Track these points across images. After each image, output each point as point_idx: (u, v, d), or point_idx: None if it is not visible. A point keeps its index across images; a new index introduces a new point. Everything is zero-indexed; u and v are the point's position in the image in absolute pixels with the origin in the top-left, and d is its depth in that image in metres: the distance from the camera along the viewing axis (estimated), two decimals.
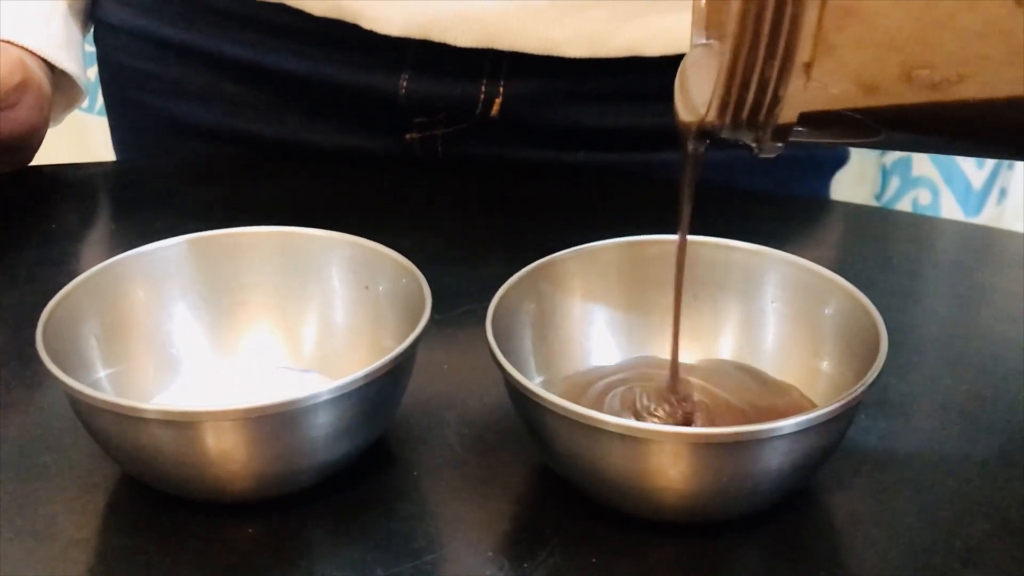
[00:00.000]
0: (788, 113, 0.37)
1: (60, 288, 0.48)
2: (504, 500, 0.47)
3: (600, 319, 0.52)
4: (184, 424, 0.43)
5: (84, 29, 0.78)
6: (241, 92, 0.75)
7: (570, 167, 0.74)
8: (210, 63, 0.74)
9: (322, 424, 0.44)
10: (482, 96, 0.70)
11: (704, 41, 0.46)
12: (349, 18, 0.68)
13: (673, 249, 0.51)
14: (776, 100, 0.36)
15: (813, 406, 0.49)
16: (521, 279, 0.50)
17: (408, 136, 0.74)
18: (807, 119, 0.37)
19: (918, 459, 0.49)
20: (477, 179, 0.72)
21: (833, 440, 0.44)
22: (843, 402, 0.43)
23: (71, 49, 0.73)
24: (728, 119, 0.38)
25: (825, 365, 0.50)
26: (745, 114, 0.37)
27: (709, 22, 0.46)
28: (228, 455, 0.43)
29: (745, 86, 0.36)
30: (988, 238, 0.69)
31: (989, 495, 0.47)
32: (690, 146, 0.45)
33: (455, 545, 0.45)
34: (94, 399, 0.43)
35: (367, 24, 0.68)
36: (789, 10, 0.34)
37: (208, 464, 0.43)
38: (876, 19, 0.34)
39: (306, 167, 0.74)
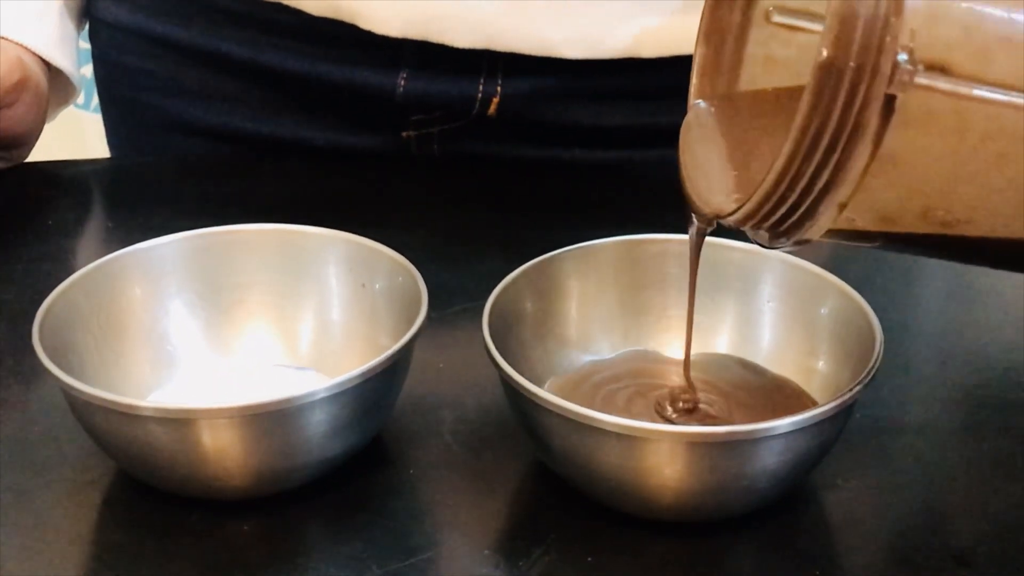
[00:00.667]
0: (811, 233, 0.39)
1: (57, 285, 0.48)
2: (500, 498, 0.47)
3: (596, 317, 0.52)
4: (180, 421, 0.43)
5: (79, 26, 0.77)
6: (238, 90, 0.74)
7: (567, 165, 0.74)
8: (207, 61, 0.74)
9: (318, 422, 0.44)
10: (479, 95, 0.70)
11: (703, 105, 0.47)
12: (347, 18, 0.68)
13: (671, 248, 0.52)
14: (803, 225, 0.39)
15: (813, 401, 0.49)
16: (517, 277, 0.50)
17: (405, 134, 0.74)
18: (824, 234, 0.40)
19: (913, 458, 0.49)
20: (474, 177, 0.72)
21: (828, 439, 0.45)
22: (838, 401, 0.43)
23: (65, 46, 0.73)
24: (750, 225, 0.40)
25: (821, 364, 0.50)
26: (767, 226, 0.40)
27: (705, 69, 0.47)
28: (224, 452, 0.43)
29: (776, 208, 0.38)
30: None
31: (984, 494, 0.47)
32: (699, 224, 0.46)
33: (451, 543, 0.45)
34: (90, 396, 0.43)
35: (365, 24, 0.68)
36: (836, 157, 0.36)
37: (204, 461, 0.43)
38: (913, 169, 0.37)
39: (303, 165, 0.74)
